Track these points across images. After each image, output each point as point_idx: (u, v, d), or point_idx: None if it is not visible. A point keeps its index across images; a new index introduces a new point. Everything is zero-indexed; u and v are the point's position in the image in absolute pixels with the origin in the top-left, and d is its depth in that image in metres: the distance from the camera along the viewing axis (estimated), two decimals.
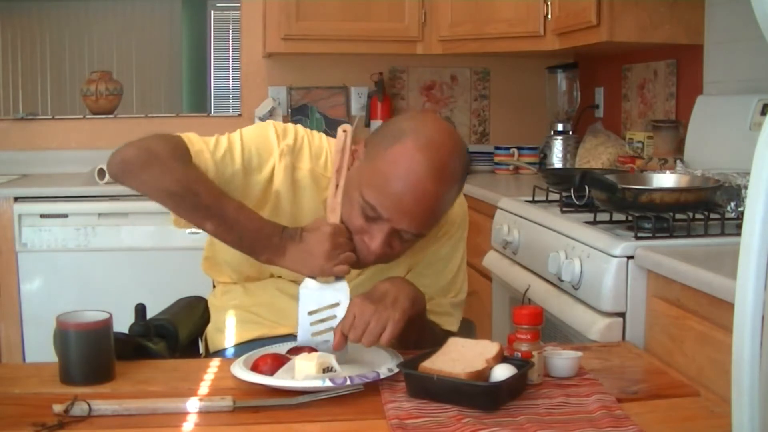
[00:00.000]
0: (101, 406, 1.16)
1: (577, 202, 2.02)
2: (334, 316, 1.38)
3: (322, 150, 1.53)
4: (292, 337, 1.51)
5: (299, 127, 1.54)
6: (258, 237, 1.38)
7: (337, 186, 1.39)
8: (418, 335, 1.44)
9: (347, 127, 1.40)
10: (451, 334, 1.55)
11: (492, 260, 2.41)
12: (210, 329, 1.69)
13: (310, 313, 1.38)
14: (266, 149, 1.48)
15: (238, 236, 1.38)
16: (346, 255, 1.37)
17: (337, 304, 1.38)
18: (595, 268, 1.72)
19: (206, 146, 1.45)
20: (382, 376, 1.26)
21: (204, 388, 1.30)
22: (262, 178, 1.48)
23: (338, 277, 1.39)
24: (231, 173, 1.45)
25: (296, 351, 1.34)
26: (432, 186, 1.33)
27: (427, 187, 1.32)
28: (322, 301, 1.38)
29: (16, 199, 3.00)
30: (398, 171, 1.32)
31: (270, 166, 1.48)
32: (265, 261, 1.40)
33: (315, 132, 1.57)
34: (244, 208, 1.40)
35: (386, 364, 1.30)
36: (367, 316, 1.30)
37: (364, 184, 1.36)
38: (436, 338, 1.46)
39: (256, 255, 1.40)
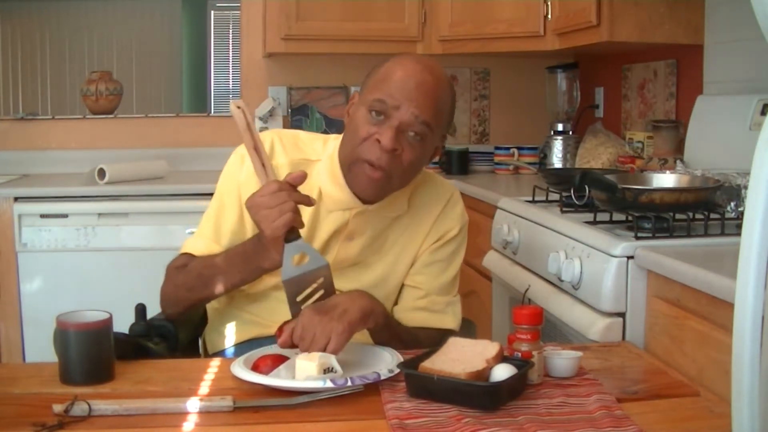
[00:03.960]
0: (101, 406, 1.16)
1: (577, 202, 2.02)
2: (323, 291, 1.39)
3: (295, 139, 1.61)
4: None
5: (265, 133, 1.59)
6: (249, 260, 1.44)
7: (263, 165, 1.40)
8: (393, 343, 1.45)
9: (239, 102, 1.40)
10: (450, 332, 1.56)
11: (492, 260, 2.41)
12: (208, 331, 1.70)
13: (299, 300, 1.38)
14: (237, 179, 1.56)
15: (244, 271, 1.47)
16: (279, 206, 1.35)
17: (320, 279, 1.38)
18: (595, 268, 1.72)
19: (199, 235, 1.59)
20: (382, 377, 1.26)
21: (204, 388, 1.30)
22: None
23: (307, 250, 1.39)
24: (230, 235, 1.55)
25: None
26: (429, 77, 1.47)
27: (425, 77, 1.46)
28: (305, 283, 1.38)
29: (16, 199, 2.99)
30: (395, 70, 1.47)
31: (245, 192, 1.51)
32: (270, 267, 1.43)
33: (285, 130, 1.66)
34: (229, 249, 1.51)
35: (386, 365, 1.30)
36: (312, 327, 1.31)
37: (367, 95, 1.48)
38: (419, 344, 1.47)
39: (260, 271, 1.46)
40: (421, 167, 1.54)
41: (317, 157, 1.58)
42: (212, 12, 6.96)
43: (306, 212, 1.55)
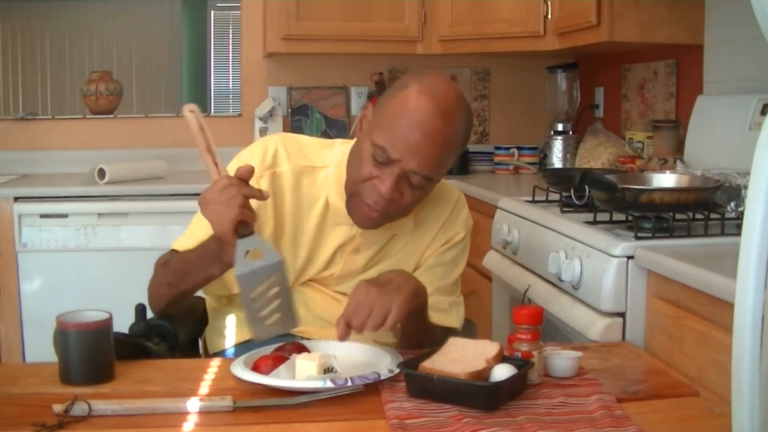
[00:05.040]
0: (101, 406, 1.16)
1: (577, 202, 2.02)
2: (277, 288, 1.36)
3: (300, 144, 1.59)
4: (289, 335, 1.52)
5: (269, 138, 1.59)
6: (214, 255, 1.42)
7: (216, 164, 1.38)
8: (419, 333, 1.45)
9: (192, 106, 1.38)
10: (453, 331, 1.56)
11: (492, 260, 2.41)
12: (208, 331, 1.70)
13: (253, 297, 1.35)
14: None
15: (208, 269, 1.46)
16: (226, 199, 1.33)
17: (272, 275, 1.35)
18: (595, 268, 1.72)
19: (189, 236, 1.57)
20: (382, 377, 1.26)
21: (204, 388, 1.30)
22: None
23: (259, 245, 1.36)
24: None
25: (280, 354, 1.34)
26: (438, 123, 1.38)
27: (433, 124, 1.38)
28: (258, 279, 1.35)
29: (16, 199, 2.99)
30: (405, 111, 1.39)
31: None
32: (231, 262, 1.40)
33: (289, 134, 1.64)
34: (197, 247, 1.49)
35: (386, 365, 1.30)
36: (372, 300, 1.30)
37: (373, 131, 1.42)
38: (436, 339, 1.47)
39: (224, 265, 1.43)
40: (424, 198, 1.51)
41: (323, 163, 1.57)
42: (212, 12, 6.96)
43: (314, 221, 1.54)
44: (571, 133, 3.36)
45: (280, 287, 1.36)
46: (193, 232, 1.58)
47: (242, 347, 1.55)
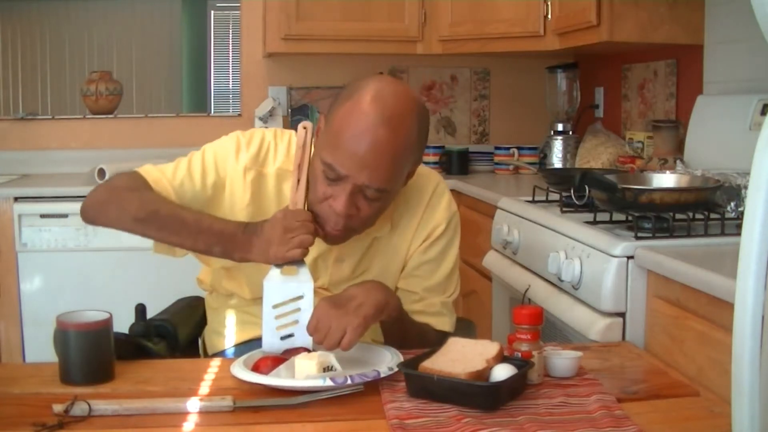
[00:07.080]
0: (101, 406, 1.16)
1: (577, 202, 2.02)
2: (299, 309, 1.38)
3: (288, 145, 1.56)
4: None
5: (267, 132, 1.57)
6: (224, 239, 1.41)
7: (298, 181, 1.41)
8: (400, 339, 1.44)
9: (307, 124, 1.42)
10: (445, 334, 1.55)
11: (492, 260, 2.41)
12: (207, 331, 1.69)
13: (274, 306, 1.38)
14: (227, 168, 1.52)
15: (207, 244, 1.42)
16: (300, 238, 1.36)
17: (300, 297, 1.38)
18: (595, 268, 1.72)
19: (164, 175, 1.52)
20: (382, 375, 1.26)
21: (204, 388, 1.30)
22: (226, 196, 1.51)
23: (300, 266, 1.39)
24: (191, 197, 1.49)
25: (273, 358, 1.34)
26: (384, 133, 1.33)
27: (378, 135, 1.33)
28: (286, 293, 1.38)
29: (16, 199, 2.99)
30: (349, 125, 1.35)
31: (229, 184, 1.51)
32: (238, 259, 1.42)
33: (286, 131, 1.59)
34: (204, 215, 1.44)
35: (386, 364, 1.30)
36: (328, 321, 1.30)
37: (323, 148, 1.38)
38: (426, 339, 1.46)
39: (229, 256, 1.43)
40: (388, 206, 1.47)
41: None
42: (212, 12, 6.96)
43: None
44: (571, 133, 3.36)
45: (302, 309, 1.38)
46: (170, 178, 1.52)
47: (242, 347, 1.55)
